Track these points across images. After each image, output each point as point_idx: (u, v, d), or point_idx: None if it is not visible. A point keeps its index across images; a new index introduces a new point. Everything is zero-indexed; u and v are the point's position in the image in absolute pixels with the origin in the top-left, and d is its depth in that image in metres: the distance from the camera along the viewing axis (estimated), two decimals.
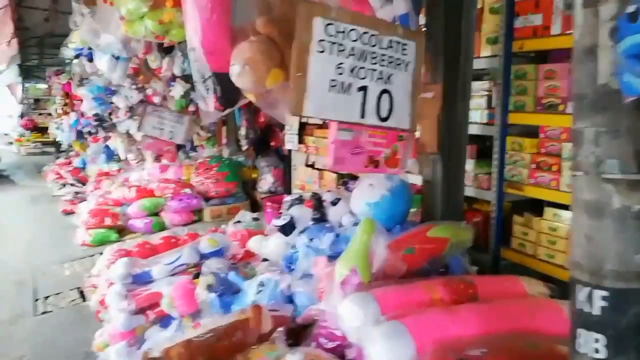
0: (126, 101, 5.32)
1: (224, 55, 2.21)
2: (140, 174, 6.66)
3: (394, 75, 2.11)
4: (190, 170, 6.09)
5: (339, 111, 1.98)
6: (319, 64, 1.86)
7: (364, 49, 1.98)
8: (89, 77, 5.44)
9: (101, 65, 4.02)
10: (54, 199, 7.72)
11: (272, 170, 5.92)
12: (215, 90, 2.26)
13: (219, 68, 2.23)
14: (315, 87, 1.87)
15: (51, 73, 8.79)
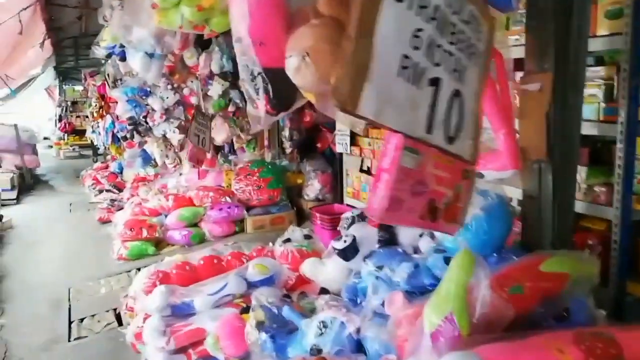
0: (162, 103, 5.01)
1: (278, 46, 1.80)
2: (177, 180, 6.38)
3: (468, 70, 1.43)
4: (230, 176, 5.76)
5: (403, 115, 1.24)
6: (393, 22, 1.16)
7: (446, 14, 1.29)
8: (123, 78, 5.17)
9: (134, 65, 3.70)
10: (91, 206, 7.54)
11: (319, 175, 5.51)
12: (267, 90, 1.86)
13: (271, 62, 1.83)
14: (383, 65, 1.15)
15: (87, 74, 8.65)
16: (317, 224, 4.44)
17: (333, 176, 5.54)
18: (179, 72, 5.14)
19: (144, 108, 5.05)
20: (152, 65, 3.73)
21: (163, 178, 7.03)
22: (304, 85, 1.73)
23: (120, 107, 5.13)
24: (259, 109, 1.91)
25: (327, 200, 5.51)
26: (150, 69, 3.73)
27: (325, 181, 5.49)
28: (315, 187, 5.49)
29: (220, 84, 5.20)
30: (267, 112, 1.90)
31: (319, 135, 5.80)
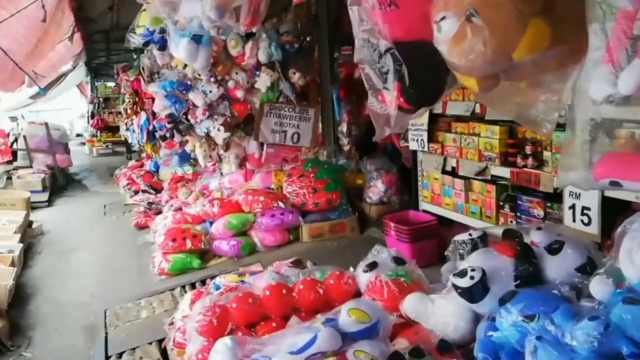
0: (204, 98, 4.44)
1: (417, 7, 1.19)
2: (220, 182, 5.83)
3: None
4: (280, 177, 5.16)
5: None
6: None
7: None
8: (160, 71, 4.62)
9: (178, 52, 3.11)
10: (126, 209, 7.07)
11: (382, 175, 4.87)
12: (400, 74, 1.23)
13: (407, 33, 1.20)
14: None
15: (119, 69, 8.18)
16: (390, 234, 3.80)
17: (399, 176, 4.89)
18: (222, 62, 4.57)
19: (185, 104, 4.49)
20: (199, 52, 3.14)
21: (204, 179, 6.50)
22: (469, 62, 1.09)
23: (157, 103, 4.58)
24: (387, 103, 1.29)
25: (392, 203, 4.87)
26: (197, 57, 3.15)
27: (391, 182, 4.84)
28: (379, 189, 4.85)
29: (269, 75, 4.61)
30: (400, 106, 1.28)
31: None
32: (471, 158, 3.36)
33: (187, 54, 3.08)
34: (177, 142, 4.60)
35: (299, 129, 4.74)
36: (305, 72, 4.78)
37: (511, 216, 3.14)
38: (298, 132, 4.70)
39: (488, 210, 3.32)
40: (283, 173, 5.21)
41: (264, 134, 4.74)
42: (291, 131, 4.71)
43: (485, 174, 3.26)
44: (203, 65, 3.39)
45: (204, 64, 3.34)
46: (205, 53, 3.22)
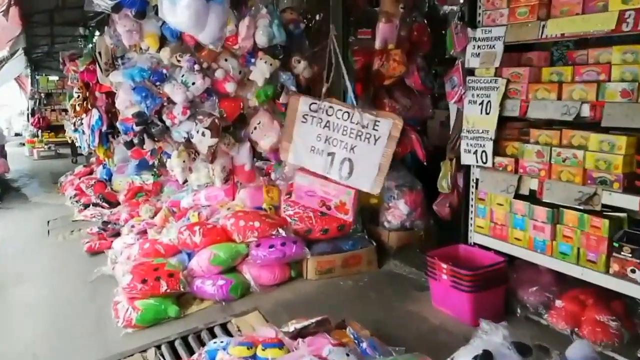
0: (185, 92, 3.40)
1: None
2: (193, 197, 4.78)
3: None
4: (274, 194, 4.19)
5: None
6: None
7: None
8: (126, 56, 3.55)
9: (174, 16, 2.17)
10: (75, 226, 5.89)
11: (405, 194, 3.99)
12: None
13: None
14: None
15: (65, 58, 6.93)
16: (439, 279, 2.90)
17: (425, 195, 4.00)
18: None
19: (159, 100, 3.43)
20: (210, 14, 2.14)
21: (171, 192, 5.44)
22: None
23: (122, 98, 3.49)
24: None
25: (416, 229, 3.97)
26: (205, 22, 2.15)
27: (415, 202, 3.96)
28: (400, 211, 3.96)
29: (269, 63, 3.62)
30: None
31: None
32: (568, 180, 2.50)
33: (191, 16, 2.11)
34: (147, 151, 3.54)
35: (355, 154, 3.49)
36: (312, 61, 3.82)
37: (632, 263, 2.28)
38: (351, 160, 3.47)
39: (592, 252, 2.46)
40: (276, 189, 4.24)
41: (298, 152, 3.70)
42: (341, 155, 3.53)
43: (592, 202, 2.40)
44: (214, 36, 2.42)
45: (215, 34, 2.38)
46: (218, 16, 2.26)
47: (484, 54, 2.98)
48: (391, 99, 4.05)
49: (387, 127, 3.33)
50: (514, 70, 2.82)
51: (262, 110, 3.80)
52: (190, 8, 2.15)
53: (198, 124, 3.50)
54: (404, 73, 3.93)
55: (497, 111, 2.84)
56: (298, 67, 3.79)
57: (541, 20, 2.64)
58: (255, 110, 3.84)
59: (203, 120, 3.48)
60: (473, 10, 3.07)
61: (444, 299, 2.92)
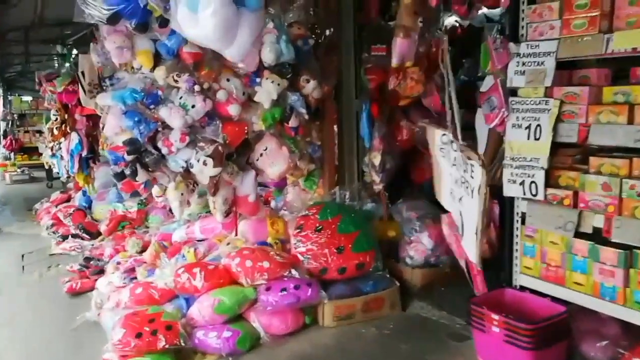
0: (184, 115, 2.99)
1: None
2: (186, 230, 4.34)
3: None
4: (280, 226, 3.78)
5: None
6: None
7: None
8: (115, 76, 3.13)
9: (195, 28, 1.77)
10: (53, 261, 5.37)
11: (429, 226, 3.61)
12: None
13: None
14: None
15: (42, 77, 6.46)
16: (487, 330, 2.50)
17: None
18: (207, 64, 3.16)
19: (153, 125, 3.02)
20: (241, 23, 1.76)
21: (158, 223, 4.98)
22: None
23: (111, 124, 3.06)
24: None
25: (442, 265, 3.59)
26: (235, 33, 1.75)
27: (440, 236, 3.56)
28: (424, 246, 3.59)
29: (276, 82, 3.24)
30: None
31: (415, 160, 3.90)
32: None
33: (218, 27, 1.74)
34: (139, 183, 3.09)
35: (464, 206, 2.80)
36: (321, 80, 3.45)
37: None
38: (462, 214, 2.83)
39: None
40: (282, 221, 3.83)
41: (443, 194, 3.10)
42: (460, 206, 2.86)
43: None
44: (244, 51, 2.00)
45: (246, 48, 1.96)
46: (251, 26, 1.91)
47: (530, 72, 2.64)
48: (408, 121, 3.70)
49: (479, 176, 2.56)
50: (569, 90, 2.48)
51: (268, 135, 3.41)
52: (216, 16, 1.77)
53: (199, 151, 3.09)
54: (422, 93, 3.60)
55: (549, 136, 2.49)
56: (307, 86, 3.41)
57: (604, 34, 2.30)
58: (261, 135, 3.44)
59: (204, 148, 3.07)
60: (515, 23, 2.72)
61: (494, 355, 2.52)
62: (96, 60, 3.19)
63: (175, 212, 3.28)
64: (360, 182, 3.69)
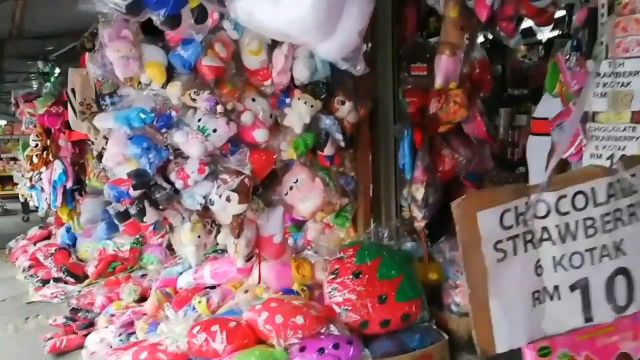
0: (203, 142, 2.49)
1: None
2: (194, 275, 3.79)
3: None
4: (306, 270, 3.27)
5: None
6: None
7: None
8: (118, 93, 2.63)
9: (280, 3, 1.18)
10: (31, 311, 4.74)
11: None
12: None
13: None
14: None
15: (19, 98, 5.88)
16: None
17: None
18: (230, 81, 2.68)
19: (165, 153, 2.50)
20: None
21: (158, 264, 4.42)
22: None
23: (113, 151, 2.52)
24: None
25: None
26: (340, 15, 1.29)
27: None
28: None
29: (309, 104, 2.78)
30: None
31: (455, 193, 3.44)
32: None
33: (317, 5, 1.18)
34: (147, 224, 2.56)
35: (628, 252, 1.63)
36: (357, 102, 3.00)
37: None
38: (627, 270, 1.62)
39: None
40: (308, 263, 3.32)
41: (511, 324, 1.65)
42: (602, 274, 1.61)
43: None
44: (349, 43, 1.49)
45: (352, 40, 1.46)
46: (361, 9, 1.39)
47: (612, 94, 2.25)
48: (450, 149, 3.27)
49: None
50: None
51: (298, 164, 2.93)
52: None
53: (221, 185, 2.58)
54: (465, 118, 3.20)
55: None
56: (342, 109, 2.95)
57: None
58: (288, 164, 2.96)
59: (228, 180, 2.57)
60: (593, 38, 2.33)
61: None
62: (94, 73, 2.68)
63: (191, 258, 2.75)
64: (398, 219, 3.21)
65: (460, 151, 3.26)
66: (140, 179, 2.50)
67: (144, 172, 2.52)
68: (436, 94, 3.11)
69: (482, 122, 3.31)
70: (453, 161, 3.22)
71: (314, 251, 3.56)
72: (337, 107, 2.97)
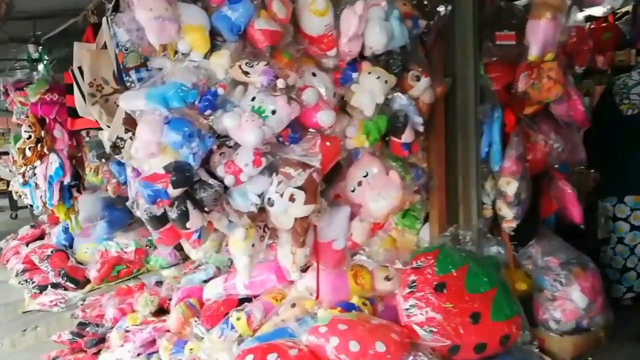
0: (259, 125, 1.94)
1: None
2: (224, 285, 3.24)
3: None
4: (365, 280, 2.75)
5: None
6: None
7: None
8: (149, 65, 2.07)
9: None
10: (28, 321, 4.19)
11: (576, 275, 2.65)
12: None
13: None
14: None
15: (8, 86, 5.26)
16: None
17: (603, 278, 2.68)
18: (285, 50, 2.12)
19: (210, 141, 1.94)
20: None
21: (185, 275, 3.87)
22: None
23: (144, 138, 1.94)
24: None
25: (594, 328, 2.63)
26: None
27: (594, 289, 2.62)
28: (574, 304, 2.62)
29: (383, 79, 2.25)
30: None
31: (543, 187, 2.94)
32: None
33: None
34: (190, 232, 2.00)
35: None
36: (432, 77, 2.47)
37: None
38: None
39: None
40: (367, 271, 2.79)
41: None
42: None
43: None
44: None
45: None
46: None
47: None
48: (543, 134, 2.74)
49: None
50: None
51: (366, 154, 2.38)
52: None
53: (283, 180, 2.03)
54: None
55: None
56: (417, 86, 2.40)
57: None
58: (353, 155, 2.41)
59: (292, 175, 2.02)
60: None
61: None
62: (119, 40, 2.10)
63: (244, 272, 2.20)
64: (480, 219, 2.68)
65: (551, 137, 2.73)
66: (182, 174, 1.94)
67: (185, 165, 1.96)
68: (526, 68, 2.60)
69: (579, 101, 2.80)
70: (546, 149, 2.70)
71: (366, 256, 3.04)
72: (411, 83, 2.41)
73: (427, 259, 2.47)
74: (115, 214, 5.46)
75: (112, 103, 2.83)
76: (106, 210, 5.43)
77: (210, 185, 1.99)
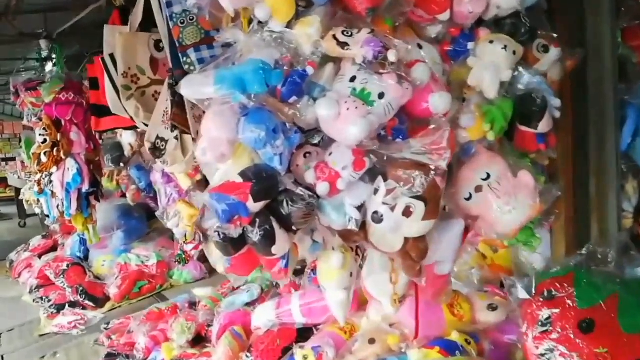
0: (364, 114, 1.42)
1: None
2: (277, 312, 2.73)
3: None
4: (464, 310, 2.25)
5: None
6: None
7: None
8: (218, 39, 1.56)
9: None
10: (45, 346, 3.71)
11: None
12: None
13: None
14: None
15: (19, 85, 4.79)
16: None
17: None
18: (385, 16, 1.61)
19: (296, 137, 1.44)
20: None
21: (225, 297, 3.38)
22: None
23: (212, 134, 1.42)
24: None
25: None
26: None
27: None
28: None
29: (510, 49, 1.76)
30: None
31: None
32: None
33: None
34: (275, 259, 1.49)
35: None
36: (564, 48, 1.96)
37: None
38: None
39: None
40: (465, 300, 2.27)
41: None
42: None
43: None
44: None
45: None
46: None
47: None
48: None
49: None
50: None
51: (482, 150, 1.85)
52: None
53: (396, 188, 1.51)
54: None
55: None
56: (545, 59, 1.88)
57: None
58: (465, 151, 1.89)
59: (410, 181, 1.50)
60: None
61: None
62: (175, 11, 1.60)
63: (340, 312, 1.68)
64: (622, 231, 2.16)
65: None
66: (265, 182, 1.43)
67: (268, 170, 1.45)
68: None
69: None
70: None
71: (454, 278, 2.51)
72: (537, 56, 1.89)
73: (563, 287, 1.94)
74: (132, 223, 5.07)
75: (149, 96, 2.34)
76: (122, 219, 5.02)
77: (300, 197, 1.47)
